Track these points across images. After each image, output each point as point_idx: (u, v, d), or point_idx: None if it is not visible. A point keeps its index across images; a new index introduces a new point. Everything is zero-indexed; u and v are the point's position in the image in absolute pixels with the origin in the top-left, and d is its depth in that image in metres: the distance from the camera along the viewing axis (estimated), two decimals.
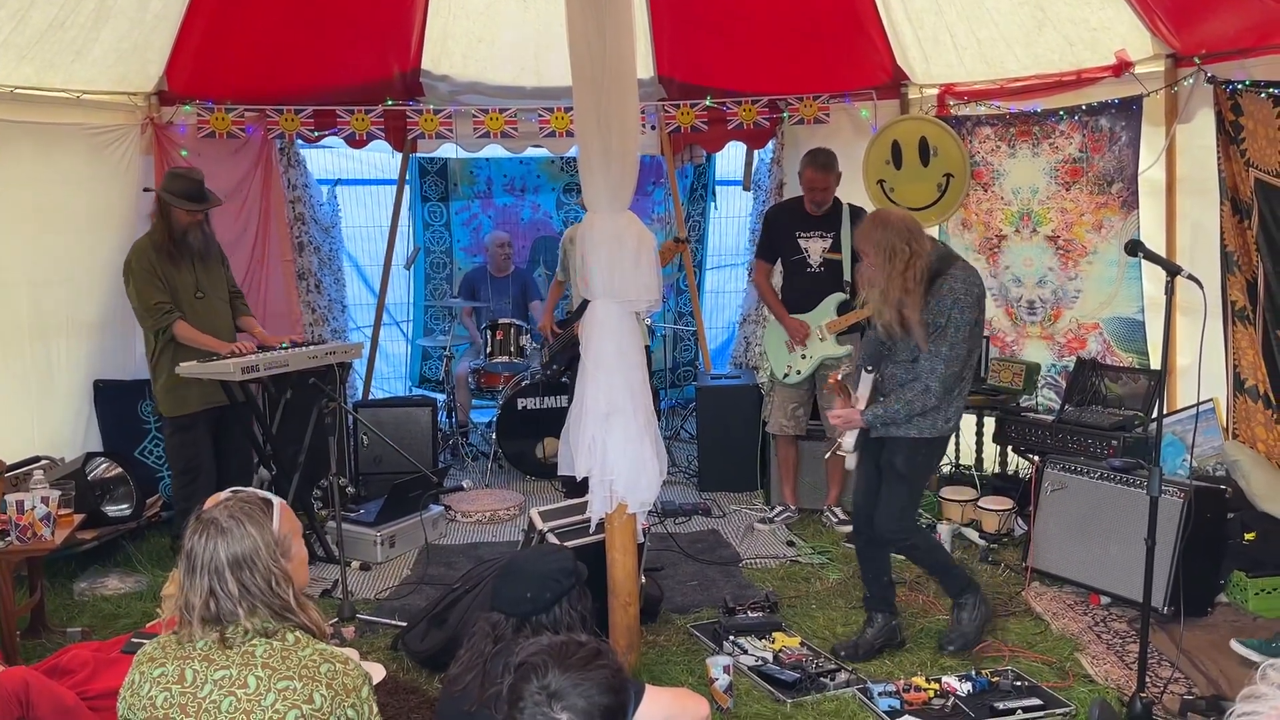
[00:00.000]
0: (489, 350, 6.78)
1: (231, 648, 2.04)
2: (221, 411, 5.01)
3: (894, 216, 3.91)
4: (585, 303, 3.87)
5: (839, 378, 4.19)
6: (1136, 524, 3.96)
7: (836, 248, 5.52)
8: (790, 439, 5.72)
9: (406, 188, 7.22)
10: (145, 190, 5.18)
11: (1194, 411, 4.55)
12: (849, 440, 4.01)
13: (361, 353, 5.98)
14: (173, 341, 4.86)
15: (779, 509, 5.77)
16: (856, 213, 5.58)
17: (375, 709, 2.11)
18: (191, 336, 4.84)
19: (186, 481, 4.95)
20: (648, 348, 6.26)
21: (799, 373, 5.56)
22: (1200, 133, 5.04)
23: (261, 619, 2.06)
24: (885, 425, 3.89)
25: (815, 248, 5.55)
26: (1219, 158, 4.86)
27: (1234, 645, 3.92)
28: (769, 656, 3.95)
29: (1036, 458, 5.06)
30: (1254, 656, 3.79)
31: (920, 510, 5.45)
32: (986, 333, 6.07)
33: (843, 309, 5.48)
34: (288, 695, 1.99)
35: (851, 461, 4.09)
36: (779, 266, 5.74)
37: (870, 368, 3.99)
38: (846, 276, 5.51)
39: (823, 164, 5.43)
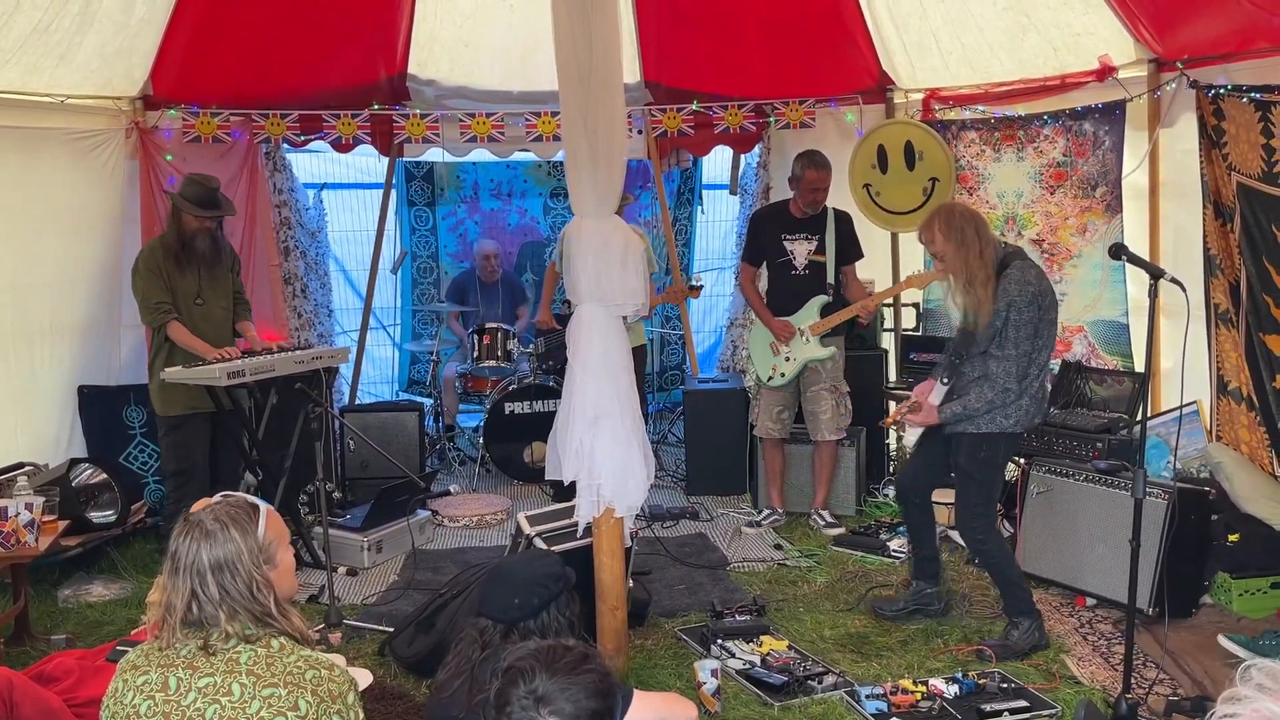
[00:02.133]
0: (476, 355, 6.77)
1: (215, 655, 2.03)
2: (214, 415, 4.99)
3: (960, 206, 4.02)
4: None
5: (898, 417, 4.33)
6: (1121, 526, 3.98)
7: (821, 250, 5.54)
8: (776, 442, 5.74)
9: (393, 192, 7.21)
10: (164, 192, 5.20)
11: (1178, 414, 4.58)
12: (911, 436, 4.15)
13: (348, 357, 5.96)
14: (169, 341, 4.87)
15: (766, 512, 5.78)
16: (841, 217, 5.61)
17: (361, 715, 2.10)
18: (183, 339, 4.84)
19: (180, 483, 4.93)
20: (642, 347, 6.27)
21: (783, 375, 5.57)
22: (1183, 137, 5.08)
23: (242, 624, 2.05)
24: (960, 420, 4.00)
25: (800, 250, 5.57)
26: (1201, 162, 4.90)
27: (1222, 640, 3.94)
28: (757, 660, 3.95)
29: (1022, 460, 5.08)
30: (1241, 652, 3.82)
31: None
32: None
33: (826, 311, 5.50)
34: (273, 702, 1.98)
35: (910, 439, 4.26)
36: (764, 270, 5.75)
37: (946, 379, 4.07)
38: (830, 279, 5.53)
39: (822, 164, 5.47)
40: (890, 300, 6.37)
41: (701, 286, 7.07)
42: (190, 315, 4.92)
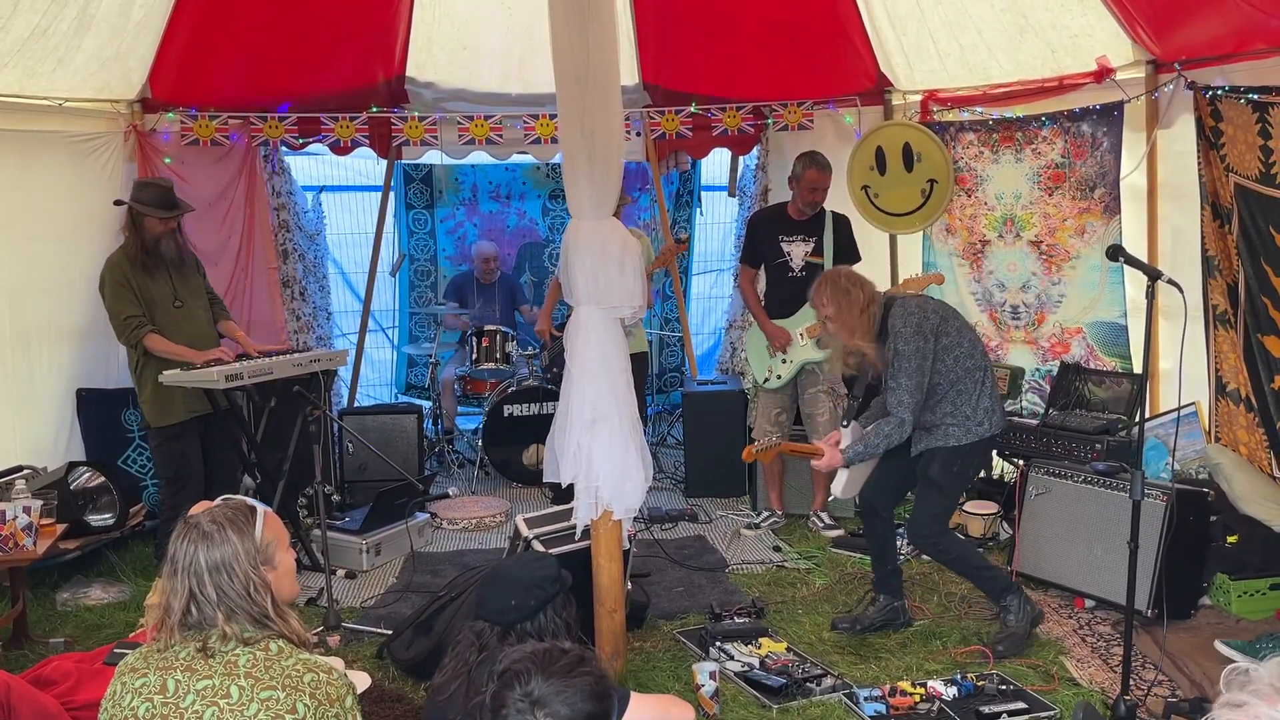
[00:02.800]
0: (475, 357, 6.77)
1: (213, 657, 2.03)
2: (208, 419, 4.99)
3: (839, 271, 4.26)
4: None
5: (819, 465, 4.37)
6: (1120, 527, 3.98)
7: (819, 252, 5.55)
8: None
9: (391, 194, 7.21)
10: (116, 203, 5.12)
11: (1176, 415, 4.58)
12: (838, 485, 4.34)
13: (346, 360, 5.96)
14: (148, 354, 4.82)
15: (765, 514, 5.78)
16: (839, 219, 5.61)
17: (359, 718, 2.10)
18: (164, 349, 4.78)
19: (175, 490, 4.91)
20: (643, 354, 6.27)
21: (779, 377, 5.57)
22: (1181, 138, 5.08)
23: (240, 625, 2.05)
24: (864, 458, 4.14)
25: (797, 252, 5.57)
26: (1199, 163, 4.90)
27: (1218, 646, 3.94)
28: (755, 662, 3.95)
29: (1021, 462, 5.08)
30: (1238, 657, 3.81)
31: (907, 515, 5.47)
32: None
33: None
34: (271, 705, 1.98)
35: (840, 490, 4.36)
36: (763, 272, 5.75)
37: (846, 423, 4.28)
38: None
39: (824, 164, 5.49)
40: None
41: (687, 239, 7.09)
42: (173, 320, 4.88)
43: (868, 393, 4.49)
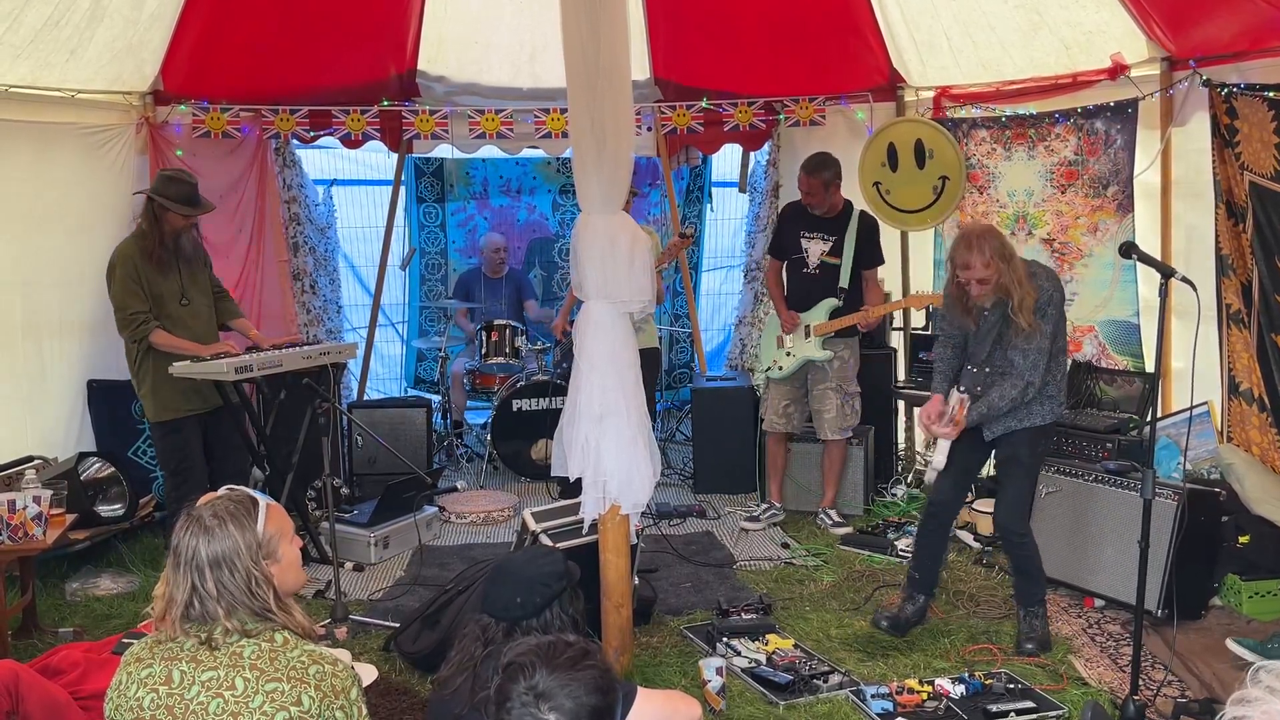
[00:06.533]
0: (484, 351, 6.77)
1: (218, 649, 2.03)
2: (211, 413, 4.96)
3: (986, 228, 4.01)
4: None
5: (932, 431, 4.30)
6: (1131, 527, 3.96)
7: (836, 252, 5.53)
8: (780, 437, 5.73)
9: (402, 188, 7.21)
10: (136, 193, 5.10)
11: (1188, 415, 4.55)
12: (939, 458, 4.28)
13: (356, 353, 5.97)
14: (151, 349, 4.78)
15: (764, 507, 5.78)
16: (866, 221, 5.59)
17: (364, 710, 2.10)
18: (170, 343, 4.74)
19: (178, 483, 4.90)
20: (654, 350, 6.27)
21: (780, 368, 5.59)
22: (1195, 136, 5.04)
23: (241, 619, 2.05)
24: (987, 419, 4.00)
25: (814, 250, 5.56)
26: (1214, 161, 4.86)
27: (1229, 644, 3.92)
28: (762, 658, 3.94)
29: None
30: (1249, 655, 3.80)
31: (915, 514, 5.46)
32: None
33: (835, 315, 5.50)
34: (276, 697, 1.98)
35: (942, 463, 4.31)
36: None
37: (964, 389, 4.09)
38: (844, 282, 5.52)
39: (813, 168, 5.47)
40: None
41: (693, 232, 7.09)
42: (178, 316, 4.83)
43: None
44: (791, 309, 5.61)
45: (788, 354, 5.59)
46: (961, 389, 4.10)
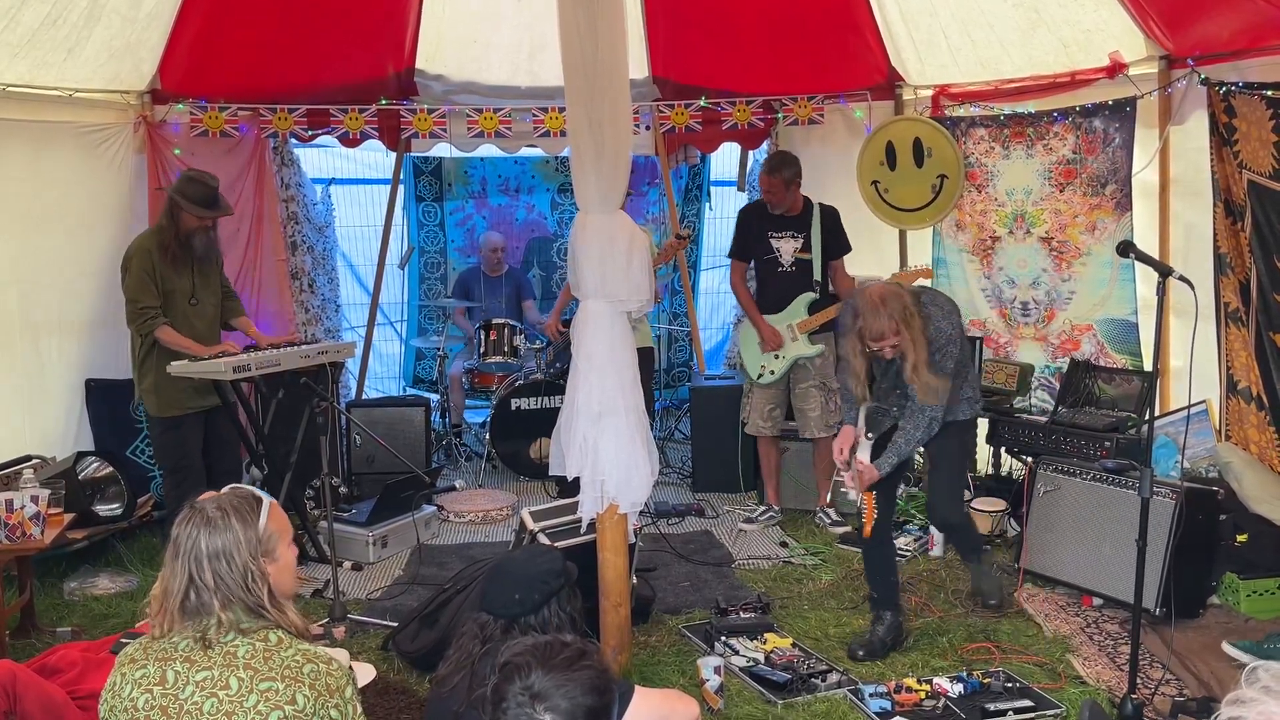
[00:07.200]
0: (483, 350, 6.77)
1: (212, 648, 2.03)
2: (210, 411, 4.98)
3: (885, 289, 3.93)
4: None
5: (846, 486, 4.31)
6: (1129, 525, 3.96)
7: (807, 248, 5.54)
8: (771, 439, 5.73)
9: (401, 187, 7.21)
10: (158, 189, 5.14)
11: (1186, 413, 4.55)
12: (853, 494, 4.33)
13: (354, 352, 5.97)
14: (156, 344, 4.83)
15: (762, 509, 5.78)
16: (826, 212, 5.59)
17: (359, 709, 2.09)
18: (174, 340, 4.79)
19: (177, 480, 4.92)
20: (650, 349, 6.26)
21: (772, 373, 5.57)
22: (1193, 135, 5.04)
23: (236, 614, 2.05)
24: (896, 465, 4.01)
25: (787, 248, 5.56)
26: (1212, 160, 4.86)
27: (1225, 647, 3.92)
28: (760, 657, 3.94)
29: (1029, 459, 5.06)
30: (1244, 658, 3.79)
31: (913, 512, 5.46)
32: (980, 333, 6.08)
33: (814, 308, 5.50)
34: (270, 696, 1.98)
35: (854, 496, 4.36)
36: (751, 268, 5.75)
37: (870, 435, 4.11)
38: (817, 275, 5.53)
39: (773, 167, 5.48)
40: None
41: (689, 233, 7.09)
42: (185, 315, 4.89)
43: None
44: (765, 311, 5.58)
45: (776, 357, 5.57)
46: (868, 433, 4.09)
